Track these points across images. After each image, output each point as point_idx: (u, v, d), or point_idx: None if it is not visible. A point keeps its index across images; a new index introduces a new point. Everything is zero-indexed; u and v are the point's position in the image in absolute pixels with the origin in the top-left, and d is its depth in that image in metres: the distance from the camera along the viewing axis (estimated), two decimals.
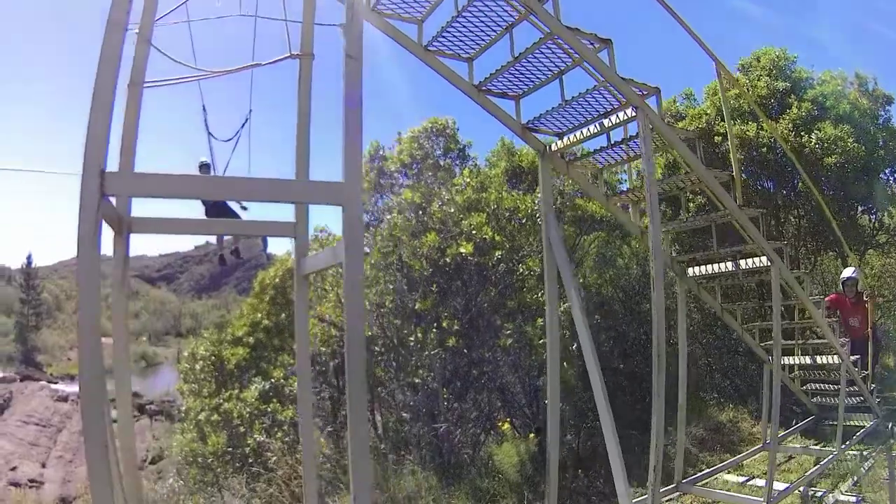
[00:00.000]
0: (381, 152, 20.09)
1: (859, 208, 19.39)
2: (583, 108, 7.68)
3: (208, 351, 22.11)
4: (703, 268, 9.62)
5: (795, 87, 20.06)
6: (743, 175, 18.67)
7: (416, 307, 16.80)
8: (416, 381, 15.85)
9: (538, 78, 7.62)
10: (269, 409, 16.66)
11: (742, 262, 9.05)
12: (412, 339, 16.41)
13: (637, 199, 9.13)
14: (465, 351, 14.19)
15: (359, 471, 4.32)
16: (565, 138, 8.17)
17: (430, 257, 16.60)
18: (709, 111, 19.96)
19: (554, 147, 8.36)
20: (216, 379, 21.11)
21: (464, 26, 7.11)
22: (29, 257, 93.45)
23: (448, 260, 15.83)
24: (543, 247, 8.56)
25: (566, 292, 7.91)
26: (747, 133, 18.37)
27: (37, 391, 64.08)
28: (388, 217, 18.56)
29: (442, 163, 18.83)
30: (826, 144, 17.74)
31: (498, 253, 16.02)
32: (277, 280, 20.91)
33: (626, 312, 17.11)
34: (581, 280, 16.69)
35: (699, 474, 10.75)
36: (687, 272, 9.66)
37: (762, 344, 10.52)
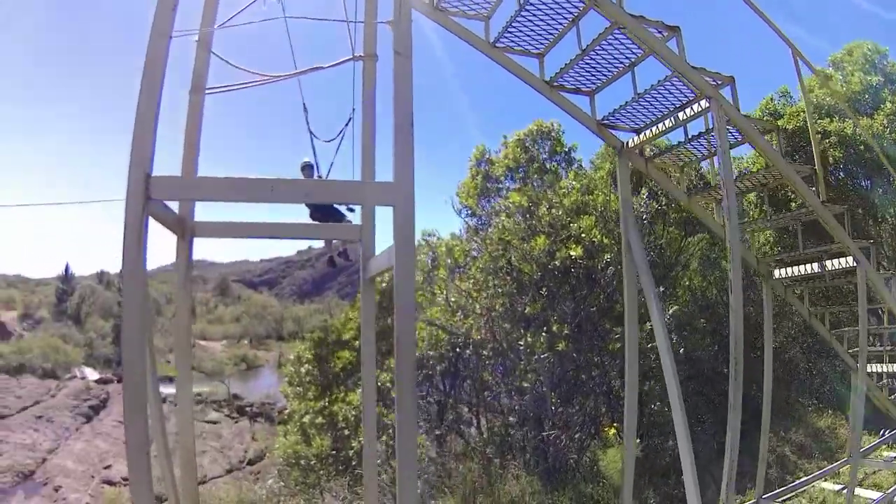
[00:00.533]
0: (486, 156, 20.24)
1: None
2: (657, 101, 7.42)
3: (313, 354, 22.40)
4: (789, 269, 9.24)
5: (889, 80, 19.77)
6: (841, 173, 18.22)
7: (526, 311, 16.88)
8: (525, 385, 15.96)
9: (610, 71, 7.38)
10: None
11: (828, 262, 8.67)
12: (521, 343, 16.40)
13: (720, 198, 8.51)
14: (574, 355, 13.96)
15: (405, 468, 4.39)
16: (642, 134, 7.94)
17: (540, 261, 16.67)
18: (806, 108, 19.63)
19: (631, 143, 8.12)
20: (321, 382, 21.29)
21: (529, 20, 6.95)
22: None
23: (557, 263, 16.04)
24: (622, 249, 8.45)
25: (645, 296, 7.79)
26: (845, 130, 17.88)
27: None
28: (497, 221, 18.68)
29: (548, 166, 18.62)
30: None
31: (606, 256, 16.13)
32: (385, 284, 20.83)
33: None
34: (686, 282, 16.42)
35: (782, 489, 10.44)
36: (773, 274, 9.31)
37: (850, 351, 10.08)
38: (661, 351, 7.73)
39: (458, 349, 17.58)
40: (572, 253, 13.93)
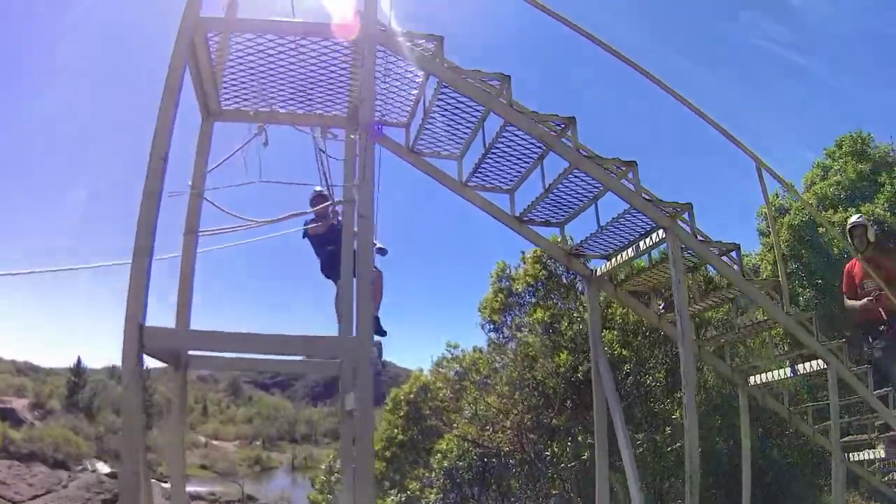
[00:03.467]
0: (507, 272, 20.96)
1: None
2: (620, 230, 7.78)
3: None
4: (763, 376, 9.53)
5: (877, 165, 20.85)
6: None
7: (552, 422, 17.73)
8: (553, 491, 16.90)
9: (575, 205, 7.80)
10: None
11: (800, 366, 9.05)
12: (548, 452, 17.26)
13: (692, 315, 9.02)
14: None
15: None
16: (611, 261, 8.27)
17: (564, 375, 17.49)
18: (811, 201, 20.30)
19: (600, 272, 8.48)
20: None
21: (497, 161, 7.43)
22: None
23: (580, 376, 16.74)
24: (592, 376, 8.75)
25: (613, 423, 7.99)
26: (847, 220, 18.53)
27: None
28: (520, 336, 19.66)
29: (566, 281, 19.12)
30: None
31: (626, 367, 17.09)
32: (412, 396, 21.91)
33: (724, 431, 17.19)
34: (703, 383, 16.99)
35: None
36: (748, 381, 9.60)
37: (842, 440, 10.45)
38: (630, 480, 8.11)
39: (485, 459, 18.69)
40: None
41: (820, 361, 8.53)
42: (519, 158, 7.39)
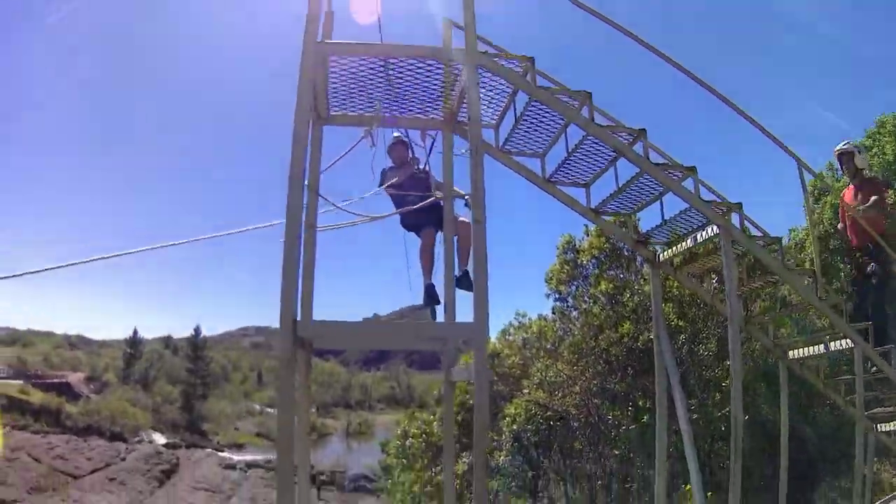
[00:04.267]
0: (573, 244, 22.12)
1: None
2: (680, 224, 8.83)
3: (420, 430, 24.95)
4: (801, 350, 10.32)
5: None
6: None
7: (615, 388, 19.13)
8: (616, 451, 18.32)
9: (642, 199, 8.83)
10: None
11: (832, 344, 9.75)
12: (610, 416, 18.60)
13: (741, 294, 10.28)
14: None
15: None
16: (672, 248, 9.28)
17: (626, 343, 18.88)
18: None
19: (663, 257, 9.50)
20: (428, 455, 23.81)
21: (577, 160, 8.35)
22: (197, 328, 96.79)
23: (640, 346, 18.23)
24: (654, 348, 9.70)
25: (672, 390, 9.09)
26: (887, 200, 19.20)
27: (203, 458, 66.98)
28: (584, 305, 21.03)
29: (627, 253, 20.18)
30: None
31: (682, 337, 18.22)
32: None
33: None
34: (750, 350, 18.00)
35: None
36: (788, 355, 10.42)
37: (867, 413, 11.31)
38: (686, 442, 9.16)
39: (551, 423, 20.11)
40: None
41: (847, 341, 9.27)
42: (596, 160, 8.34)
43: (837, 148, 10.32)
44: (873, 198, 9.72)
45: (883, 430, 10.89)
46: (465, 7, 6.90)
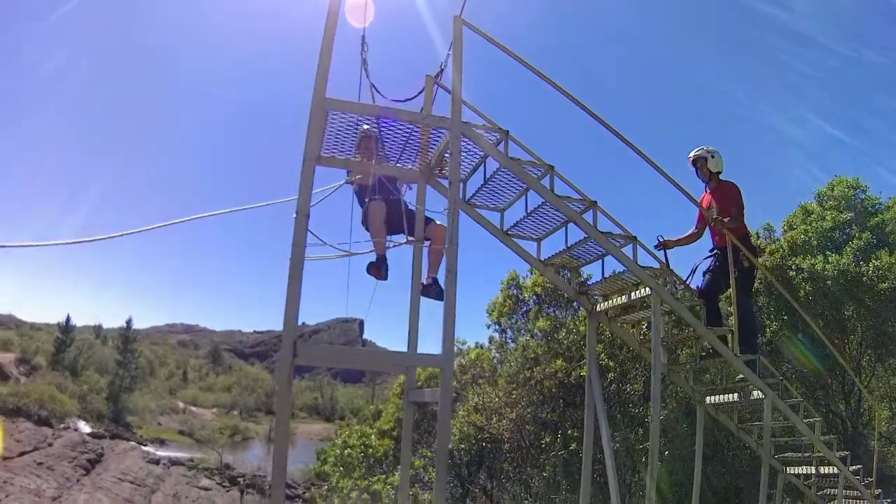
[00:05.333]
0: (517, 281, 24.01)
1: None
2: (619, 280, 10.03)
3: (359, 441, 26.77)
4: (719, 397, 11.46)
5: (859, 216, 22.16)
6: (811, 302, 21.12)
7: (546, 416, 21.06)
8: (544, 474, 20.25)
9: (587, 258, 10.07)
10: (411, 493, 19.68)
11: (743, 393, 10.96)
12: (542, 442, 20.54)
13: (667, 344, 11.59)
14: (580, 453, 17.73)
15: None
16: (609, 301, 10.45)
17: (558, 378, 20.88)
18: (784, 246, 22.35)
19: (599, 308, 10.62)
20: (365, 464, 25.70)
21: (533, 219, 9.47)
22: (129, 321, 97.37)
23: (572, 381, 20.26)
24: (586, 386, 10.77)
25: (598, 421, 10.23)
26: (815, 266, 20.86)
27: (128, 451, 66.82)
28: (523, 340, 23.08)
29: (566, 296, 21.93)
30: (881, 272, 19.77)
31: (611, 375, 20.17)
32: (419, 384, 25.19)
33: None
34: (675, 392, 19.58)
35: None
36: (705, 400, 11.58)
37: (776, 456, 12.29)
38: (609, 471, 10.15)
39: (483, 444, 22.08)
40: (583, 373, 17.27)
41: (757, 392, 10.52)
42: (550, 221, 9.52)
43: (690, 154, 10.76)
44: (734, 210, 10.32)
45: (793, 472, 12.36)
46: (453, 77, 8.04)
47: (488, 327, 25.24)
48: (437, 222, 9.07)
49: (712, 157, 10.54)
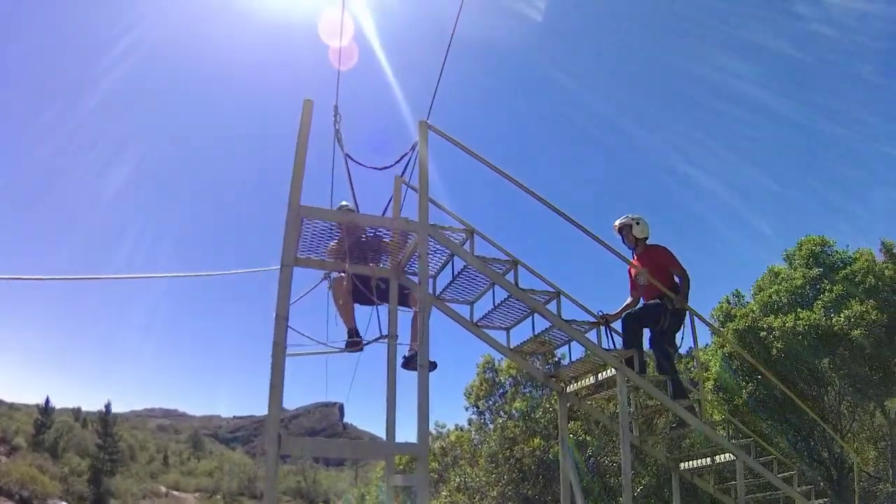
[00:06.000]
0: (492, 364, 25.76)
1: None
2: (588, 362, 10.48)
3: None
4: (692, 462, 12.04)
5: (828, 271, 23.28)
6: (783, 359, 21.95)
7: (528, 493, 22.00)
8: None
9: (555, 342, 10.71)
10: None
11: (717, 457, 11.41)
12: None
13: (638, 420, 12.21)
14: None
15: None
16: (578, 382, 11.00)
17: (537, 455, 22.16)
18: (755, 308, 23.42)
19: (570, 389, 11.18)
20: None
21: (500, 311, 10.06)
22: (108, 405, 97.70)
23: (551, 457, 21.35)
24: (560, 465, 11.36)
25: (574, 496, 10.65)
26: (786, 324, 21.76)
27: None
28: (500, 421, 24.55)
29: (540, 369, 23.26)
30: (853, 320, 20.81)
31: (589, 450, 21.59)
32: (401, 467, 26.35)
33: None
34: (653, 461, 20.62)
35: None
36: (679, 466, 12.13)
37: None
38: None
39: None
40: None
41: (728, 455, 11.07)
42: (517, 311, 10.10)
43: (616, 223, 11.04)
44: (678, 269, 10.63)
45: None
46: (420, 180, 8.72)
47: (467, 409, 26.70)
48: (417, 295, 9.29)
49: (637, 223, 10.90)
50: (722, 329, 23.57)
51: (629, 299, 11.19)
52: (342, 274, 9.48)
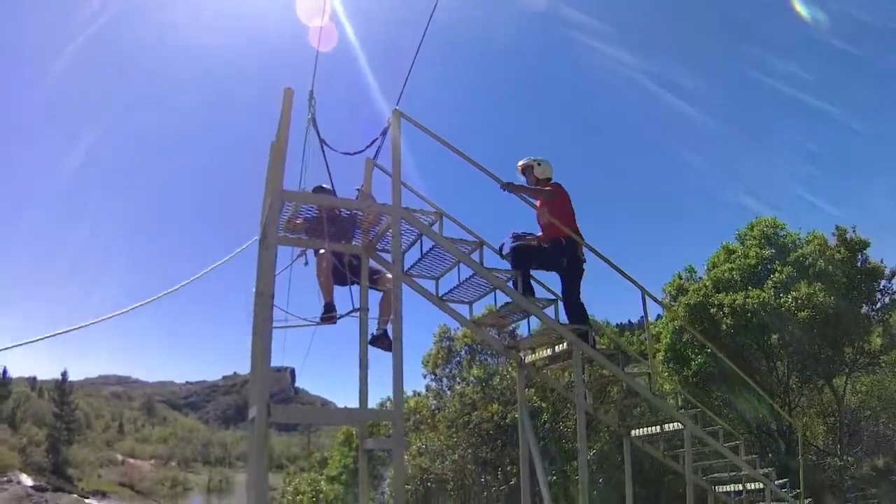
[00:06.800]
0: (448, 334, 27.51)
1: (843, 342, 23.21)
2: (545, 336, 11.26)
3: (310, 486, 29.08)
4: (643, 430, 12.92)
5: (780, 252, 24.35)
6: (734, 336, 22.94)
7: (487, 456, 23.45)
8: None
9: (514, 318, 11.47)
10: None
11: (666, 426, 12.34)
12: (482, 479, 22.97)
13: (592, 389, 12.94)
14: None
15: None
16: (537, 353, 11.78)
17: (495, 420, 23.80)
18: (707, 284, 24.46)
19: (528, 359, 11.96)
20: None
21: (465, 286, 10.76)
22: (65, 373, 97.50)
23: (508, 422, 22.97)
24: (519, 429, 11.96)
25: (533, 459, 11.36)
26: (735, 301, 22.74)
27: (71, 503, 67.89)
28: (458, 387, 26.16)
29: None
30: (801, 301, 21.88)
31: (544, 416, 23.30)
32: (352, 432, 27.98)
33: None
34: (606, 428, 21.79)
35: None
36: (630, 433, 12.98)
37: (706, 476, 13.68)
38: (545, 500, 11.17)
39: (428, 484, 24.44)
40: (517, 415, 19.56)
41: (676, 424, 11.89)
42: (481, 286, 10.83)
43: (519, 163, 11.29)
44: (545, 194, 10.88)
45: (722, 490, 13.80)
46: (393, 166, 9.46)
47: (424, 377, 28.59)
48: (387, 274, 10.15)
49: (539, 164, 11.21)
50: (674, 304, 24.77)
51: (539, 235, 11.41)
52: (323, 252, 9.91)
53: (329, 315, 9.88)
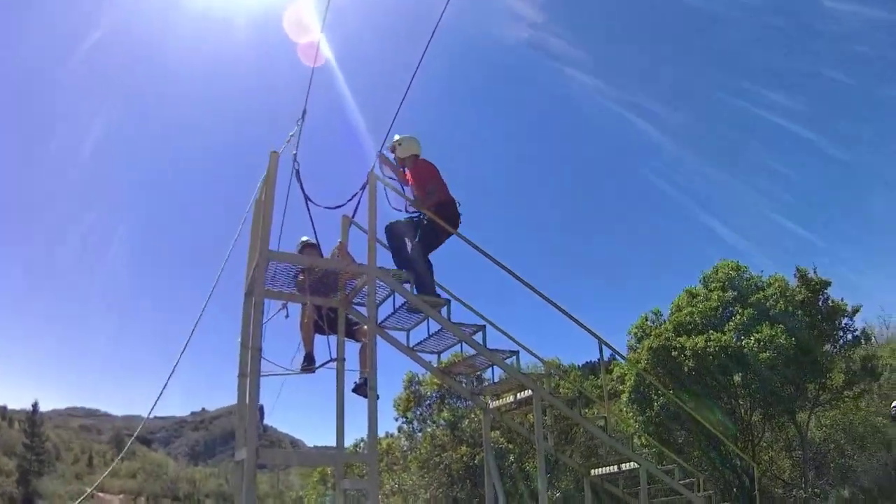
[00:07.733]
0: (416, 379, 28.59)
1: (806, 380, 23.53)
2: (508, 383, 11.97)
3: None
4: (600, 469, 13.62)
5: (742, 295, 24.93)
6: (694, 377, 23.94)
7: (457, 495, 24.72)
8: None
9: (479, 367, 12.32)
10: None
11: (623, 465, 12.81)
12: None
13: (553, 432, 13.95)
14: None
15: None
16: (501, 399, 12.60)
17: (464, 461, 24.92)
18: (668, 328, 25.10)
19: (492, 405, 12.81)
20: None
21: (434, 340, 11.53)
22: (35, 404, 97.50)
23: (477, 463, 23.83)
24: (485, 471, 12.78)
25: (498, 499, 12.21)
26: (697, 345, 23.60)
27: None
28: (428, 430, 27.57)
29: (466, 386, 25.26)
30: (762, 343, 22.31)
31: (511, 457, 24.06)
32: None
33: None
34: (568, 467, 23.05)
35: None
36: (590, 473, 13.67)
37: None
38: None
39: None
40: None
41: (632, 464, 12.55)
42: (449, 338, 11.54)
43: (393, 140, 11.53)
44: (429, 187, 11.26)
45: None
46: (369, 233, 10.14)
47: (396, 420, 30.21)
48: (364, 326, 10.60)
49: (399, 144, 11.49)
50: (638, 347, 25.56)
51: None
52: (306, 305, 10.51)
53: (309, 366, 10.59)
